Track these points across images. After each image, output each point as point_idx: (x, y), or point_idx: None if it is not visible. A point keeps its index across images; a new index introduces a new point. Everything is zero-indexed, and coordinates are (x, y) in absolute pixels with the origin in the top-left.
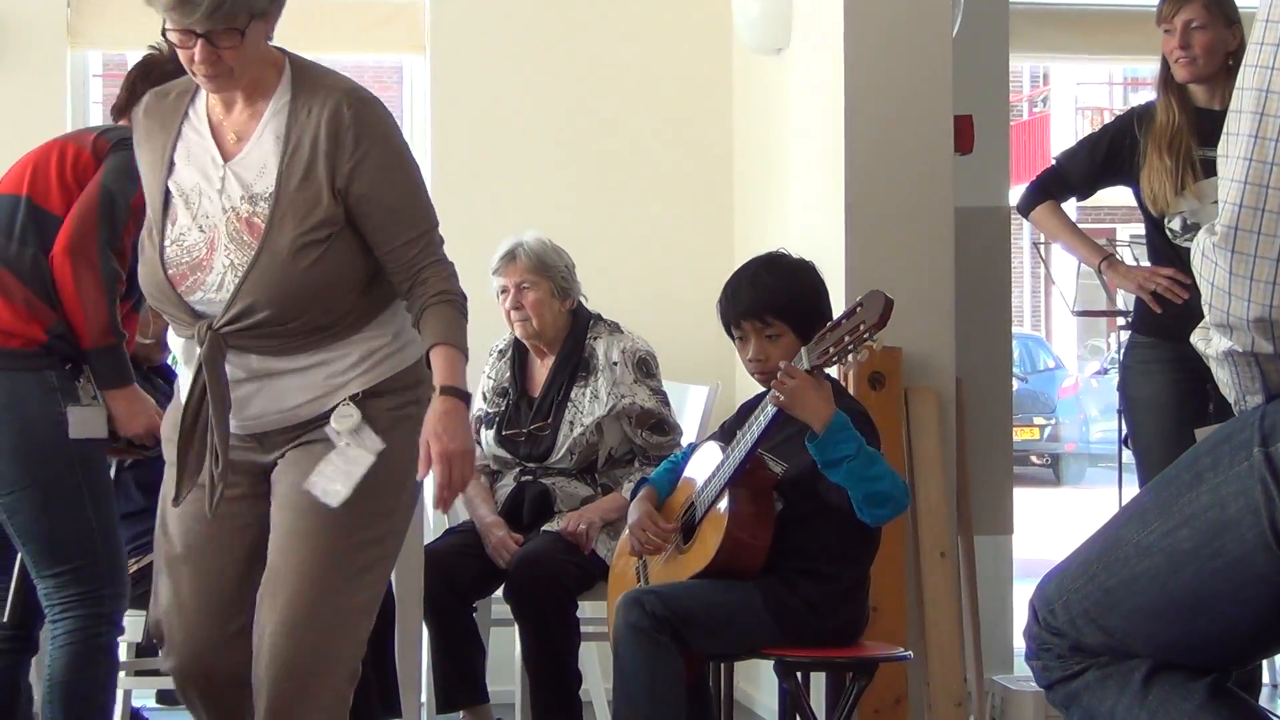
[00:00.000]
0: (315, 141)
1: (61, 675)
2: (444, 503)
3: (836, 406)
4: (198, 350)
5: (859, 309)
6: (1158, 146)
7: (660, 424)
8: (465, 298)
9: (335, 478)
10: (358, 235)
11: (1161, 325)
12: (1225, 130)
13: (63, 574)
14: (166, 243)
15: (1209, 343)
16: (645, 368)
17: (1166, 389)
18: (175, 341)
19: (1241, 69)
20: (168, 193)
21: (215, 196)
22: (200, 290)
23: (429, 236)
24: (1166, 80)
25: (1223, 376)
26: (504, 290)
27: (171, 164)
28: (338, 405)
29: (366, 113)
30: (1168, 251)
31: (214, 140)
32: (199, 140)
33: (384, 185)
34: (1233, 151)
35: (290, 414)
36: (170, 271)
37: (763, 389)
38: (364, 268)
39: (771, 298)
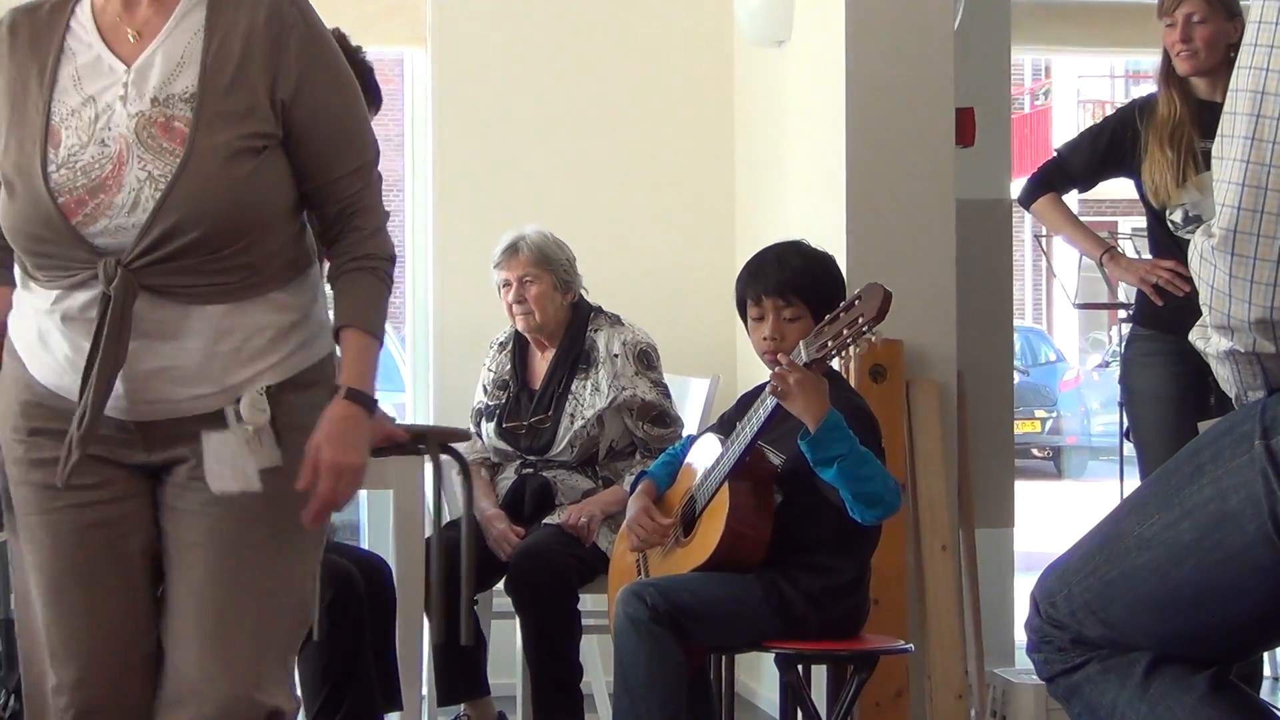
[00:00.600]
0: (248, 40)
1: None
2: (315, 520)
3: (839, 401)
4: (83, 301)
5: (857, 302)
6: (1159, 139)
7: (661, 416)
8: (393, 260)
9: (227, 466)
10: (287, 161)
11: (1162, 318)
12: (1220, 131)
13: None
14: (51, 169)
15: (1208, 341)
16: (646, 360)
17: (1167, 382)
18: (27, 307)
19: (1236, 68)
20: (48, 116)
21: (118, 106)
22: (105, 217)
23: (371, 170)
24: (1168, 73)
25: (1223, 373)
26: (506, 284)
27: (54, 82)
28: (246, 395)
29: (313, 19)
30: (1169, 244)
31: (107, 47)
32: (87, 50)
33: (335, 101)
34: (1228, 153)
35: (189, 404)
36: (61, 200)
37: (763, 381)
38: (293, 200)
39: (796, 278)
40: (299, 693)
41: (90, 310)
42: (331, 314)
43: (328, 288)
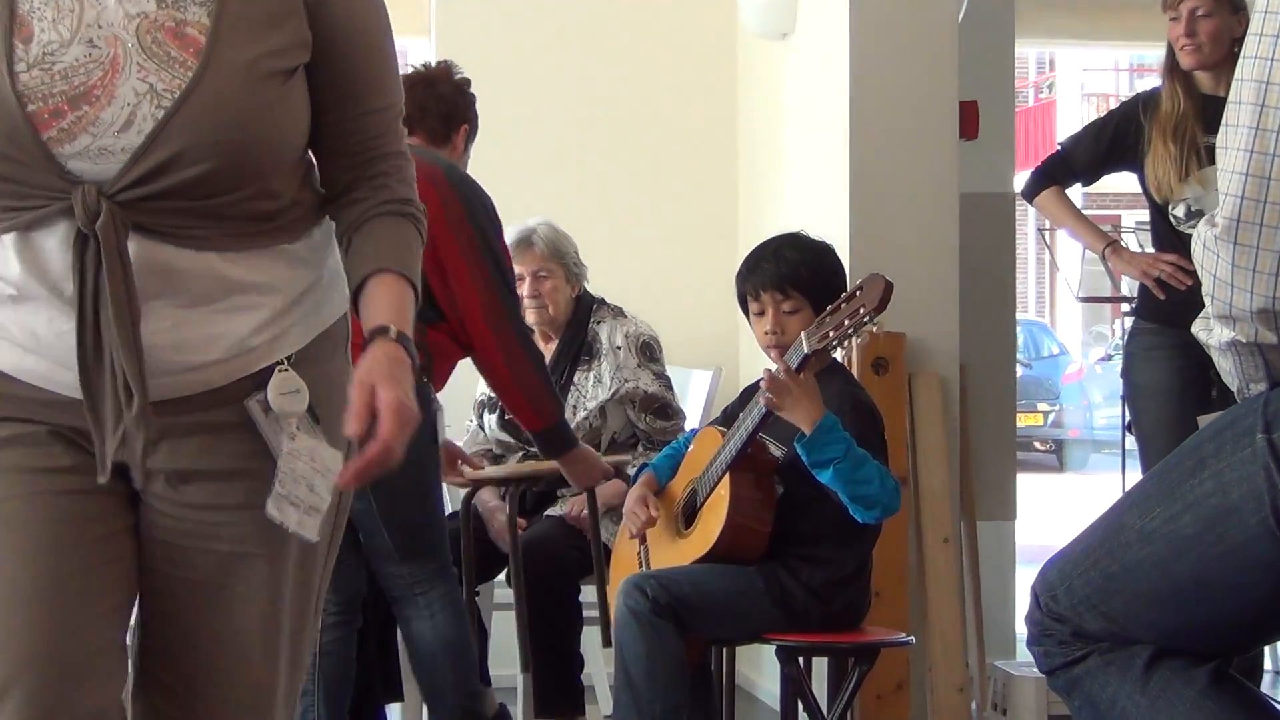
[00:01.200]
0: None
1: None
2: (363, 477)
3: (841, 394)
4: (47, 246)
5: (859, 293)
6: (1162, 133)
7: (664, 408)
8: (425, 212)
9: (303, 491)
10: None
11: (1165, 311)
12: (1224, 121)
13: (426, 557)
14: (19, 68)
15: (1210, 333)
16: (649, 352)
17: (1170, 375)
18: None
19: (1240, 59)
20: (12, 3)
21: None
22: (87, 134)
23: (397, 113)
24: (1172, 67)
25: (1225, 365)
26: (520, 277)
27: None
28: (272, 370)
29: None
30: (1171, 238)
31: None
32: None
33: (374, 19)
34: (1232, 143)
35: (188, 379)
36: (31, 109)
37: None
38: (308, 135)
39: (793, 271)
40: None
41: (55, 258)
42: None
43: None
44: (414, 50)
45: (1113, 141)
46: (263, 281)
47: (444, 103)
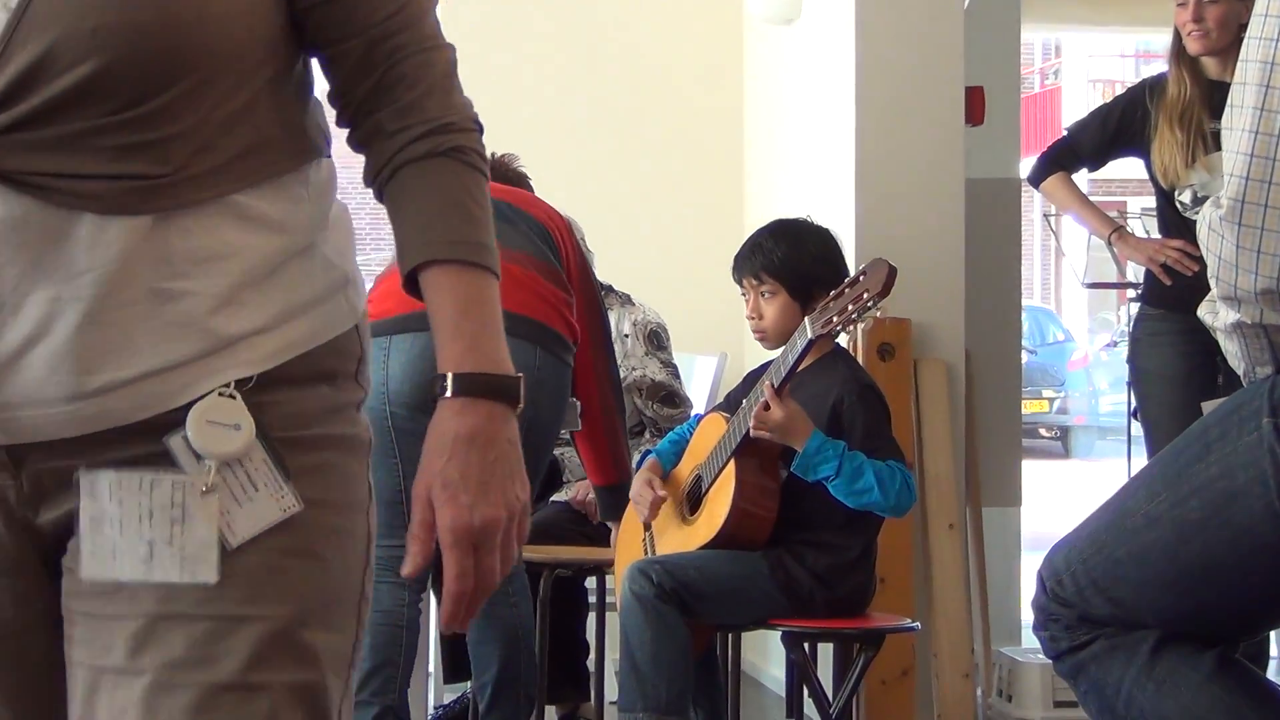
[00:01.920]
0: None
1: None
2: (456, 624)
3: (847, 381)
4: None
5: (862, 278)
6: (1169, 119)
7: (671, 396)
8: (481, 130)
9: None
10: None
11: (1171, 297)
12: (1229, 102)
13: None
14: None
15: (1216, 315)
16: (656, 340)
17: (1176, 361)
18: None
19: (1245, 40)
20: None
21: None
22: None
23: None
24: (1179, 53)
25: (1231, 349)
26: None
27: None
28: (205, 396)
29: None
30: (1178, 224)
31: None
32: None
33: None
34: (1237, 123)
35: (88, 409)
36: None
37: (768, 357)
38: (274, 26)
39: (767, 259)
40: None
41: None
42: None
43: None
44: None
45: (1119, 127)
46: (198, 249)
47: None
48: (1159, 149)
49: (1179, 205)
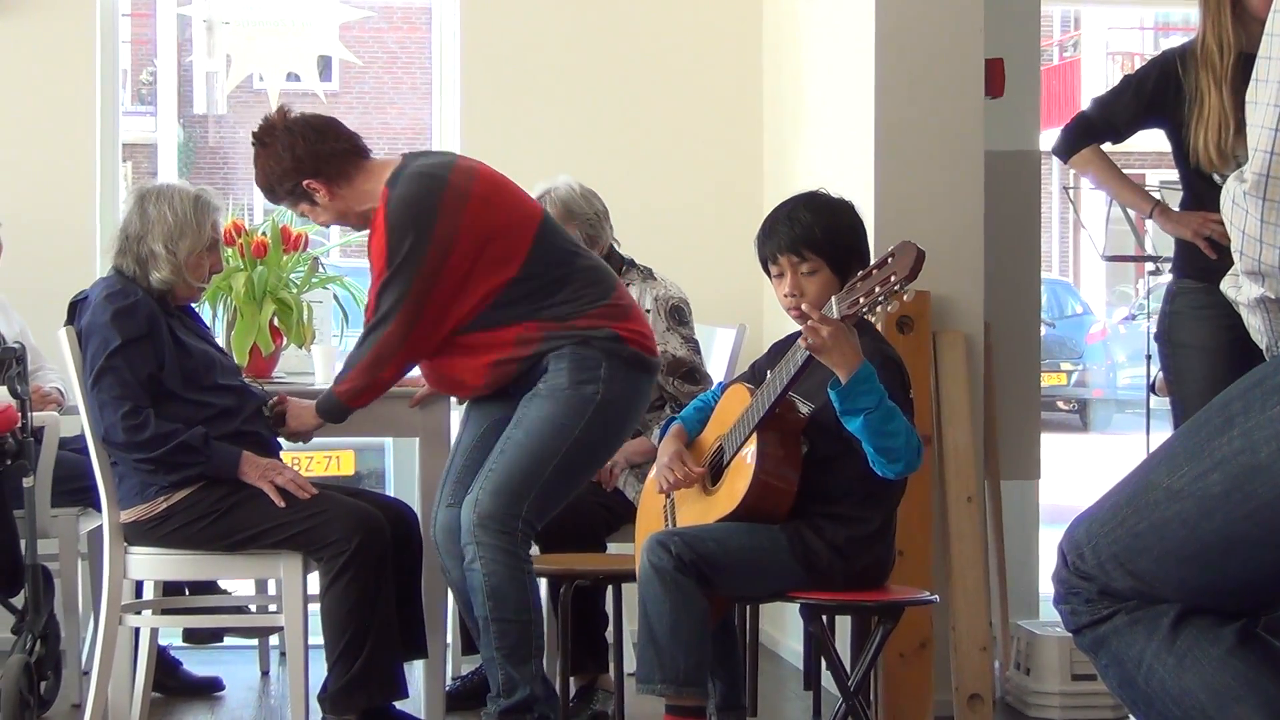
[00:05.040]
0: None
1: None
2: None
3: (870, 351)
4: None
5: (890, 260)
6: (1209, 76)
7: (692, 372)
8: None
9: None
10: None
11: (1212, 269)
12: (1255, 76)
13: None
14: None
15: (1239, 290)
16: (678, 315)
17: (1218, 334)
18: None
19: (1272, 13)
20: None
21: None
22: None
23: None
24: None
25: (1254, 323)
26: None
27: None
28: None
29: None
30: (1208, 194)
31: None
32: None
33: None
34: (1262, 97)
35: None
36: None
37: (794, 329)
38: None
39: (807, 233)
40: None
41: None
42: None
43: None
44: (439, 10)
45: (1153, 96)
46: None
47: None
48: (1197, 113)
49: (1218, 177)
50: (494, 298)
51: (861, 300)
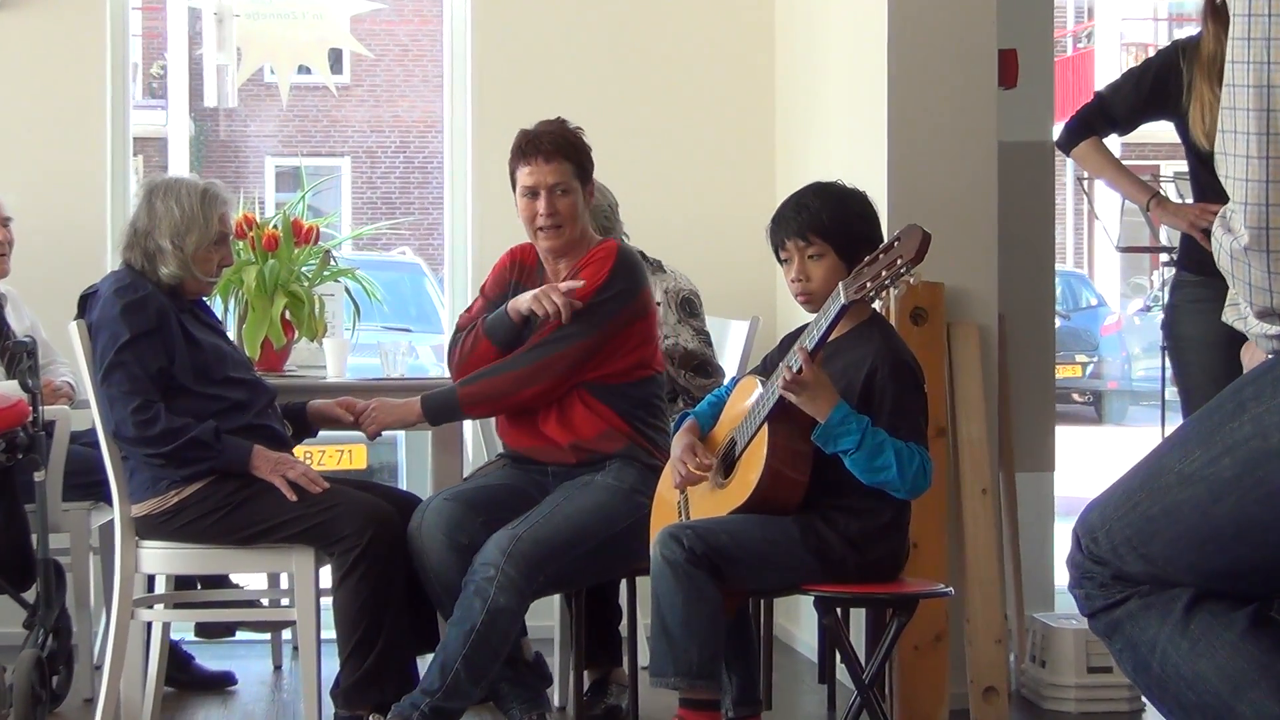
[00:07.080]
0: None
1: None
2: None
3: (882, 352)
4: None
5: (896, 243)
6: (1206, 77)
7: (703, 365)
8: None
9: None
10: None
11: (1209, 262)
12: (1221, 128)
13: None
14: None
15: (1247, 322)
16: (689, 308)
17: (1218, 327)
18: None
19: (1229, 65)
20: None
21: None
22: None
23: None
24: (1212, 9)
25: (1269, 346)
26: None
27: None
28: None
29: None
30: (1216, 187)
31: None
32: None
33: None
34: (1240, 150)
35: None
36: None
37: (802, 320)
38: None
39: (815, 219)
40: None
41: None
42: None
43: None
44: (454, 1)
45: (1153, 89)
46: None
47: None
48: (1197, 110)
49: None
50: (630, 378)
51: (869, 284)
